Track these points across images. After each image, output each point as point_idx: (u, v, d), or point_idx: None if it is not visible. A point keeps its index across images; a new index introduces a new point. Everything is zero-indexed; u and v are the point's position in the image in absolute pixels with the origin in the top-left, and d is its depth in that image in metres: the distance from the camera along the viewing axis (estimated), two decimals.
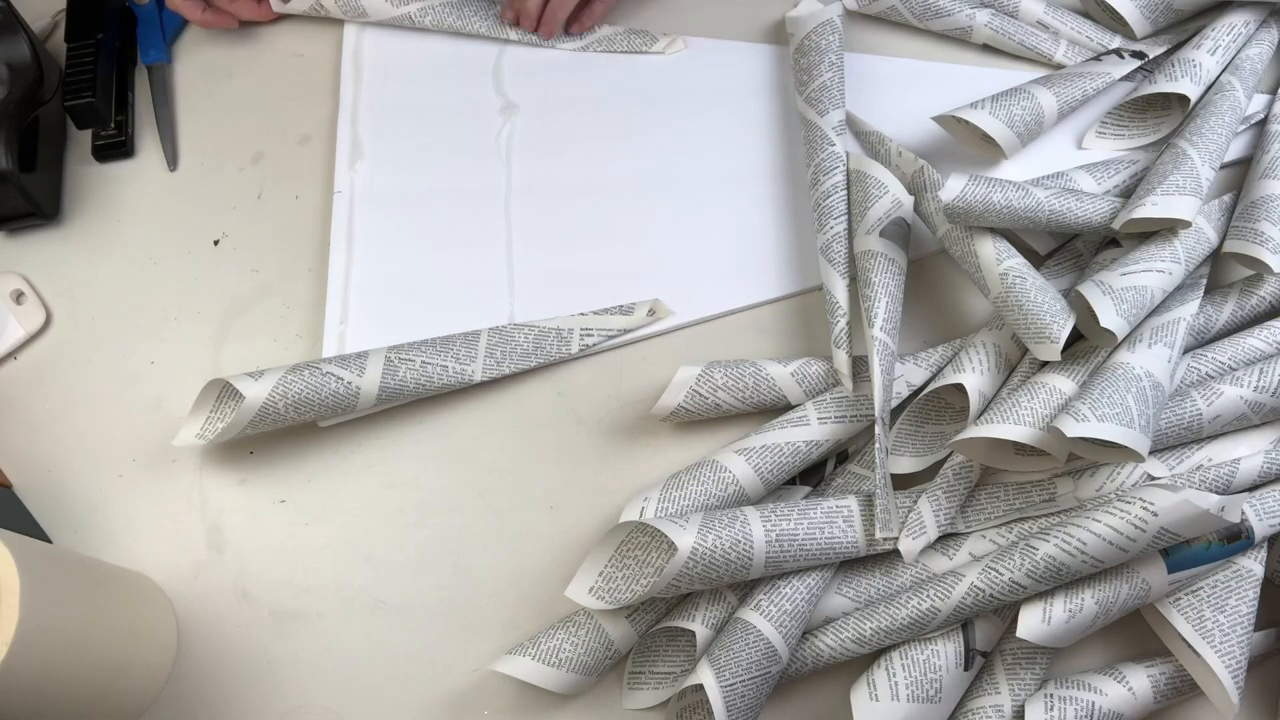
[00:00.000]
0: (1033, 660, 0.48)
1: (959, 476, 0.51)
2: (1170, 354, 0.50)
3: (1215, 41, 0.61)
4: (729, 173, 0.62)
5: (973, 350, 0.53)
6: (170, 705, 0.52)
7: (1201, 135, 0.57)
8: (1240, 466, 0.50)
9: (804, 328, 0.59)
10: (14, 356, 0.61)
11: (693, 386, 0.53)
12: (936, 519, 0.50)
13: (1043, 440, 0.48)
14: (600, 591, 0.50)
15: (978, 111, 0.58)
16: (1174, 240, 0.53)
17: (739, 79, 0.66)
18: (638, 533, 0.50)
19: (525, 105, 0.65)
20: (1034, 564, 0.46)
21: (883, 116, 0.63)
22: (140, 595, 0.53)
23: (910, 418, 0.53)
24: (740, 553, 0.47)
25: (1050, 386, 0.50)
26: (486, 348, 0.57)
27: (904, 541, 0.50)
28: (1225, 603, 0.46)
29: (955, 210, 0.52)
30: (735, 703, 0.46)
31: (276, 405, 0.53)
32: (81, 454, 0.58)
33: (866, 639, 0.48)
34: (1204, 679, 0.46)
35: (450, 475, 0.56)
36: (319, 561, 0.55)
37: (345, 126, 0.65)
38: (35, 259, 0.63)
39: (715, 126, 0.64)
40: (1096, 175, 0.59)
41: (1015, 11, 0.65)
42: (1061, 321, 0.49)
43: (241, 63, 0.68)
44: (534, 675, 0.49)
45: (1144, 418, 0.47)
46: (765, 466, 0.52)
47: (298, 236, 0.62)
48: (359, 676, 0.52)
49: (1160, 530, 0.44)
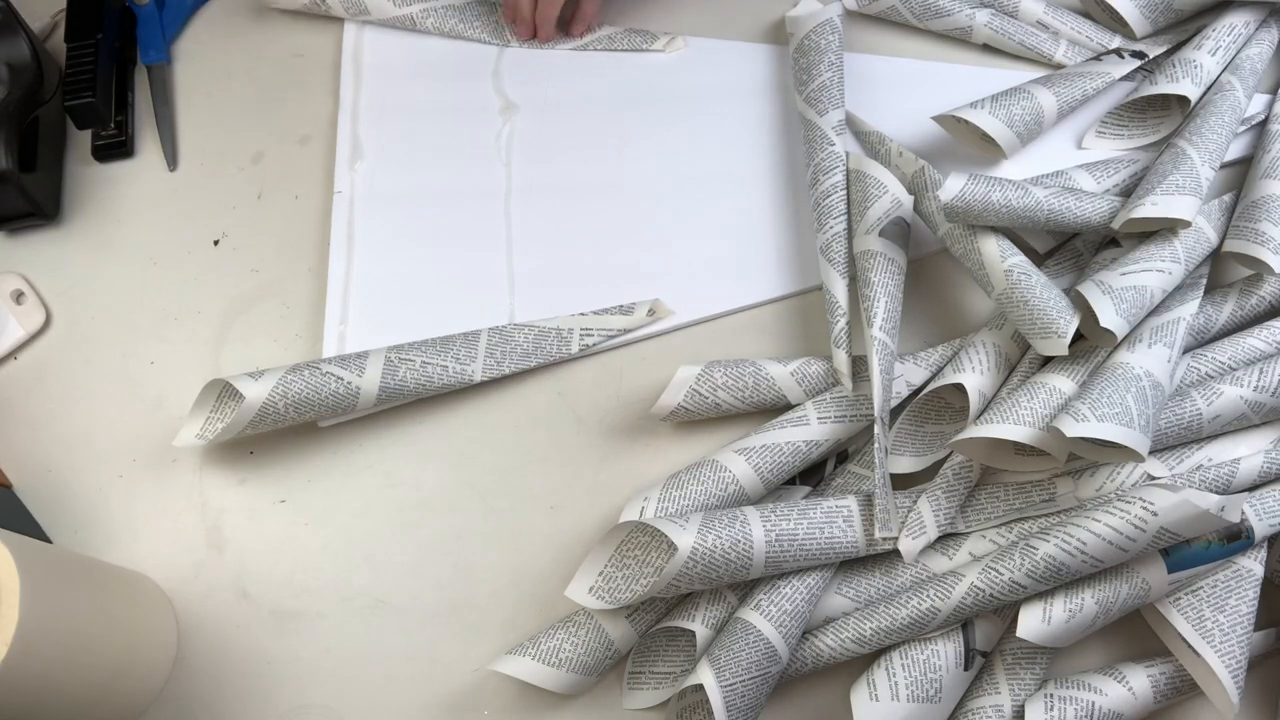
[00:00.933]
0: (1033, 660, 0.48)
1: (959, 476, 0.51)
2: (1170, 354, 0.50)
3: (1216, 42, 0.61)
4: (729, 172, 0.63)
5: (973, 350, 0.53)
6: (170, 705, 0.52)
7: (1201, 135, 0.57)
8: (1240, 466, 0.50)
9: (804, 327, 0.59)
10: (14, 356, 0.61)
11: (692, 386, 0.53)
12: (936, 519, 0.50)
13: (1042, 440, 0.48)
14: (600, 591, 0.50)
15: (977, 111, 0.58)
16: (1174, 240, 0.53)
17: (739, 78, 0.66)
18: (638, 532, 0.50)
19: (525, 105, 0.65)
20: (1034, 564, 0.46)
21: (882, 116, 0.63)
22: (140, 595, 0.53)
23: (910, 417, 0.53)
24: (740, 552, 0.47)
25: (1050, 386, 0.50)
26: (486, 348, 0.57)
27: (904, 541, 0.50)
28: (1225, 603, 0.46)
29: (954, 209, 0.52)
30: (735, 703, 0.46)
31: (276, 405, 0.53)
32: (81, 454, 0.58)
33: (866, 639, 0.48)
34: (1204, 679, 0.46)
35: (450, 475, 0.56)
36: (319, 561, 0.55)
37: (345, 126, 0.65)
38: (35, 259, 0.63)
39: (715, 126, 0.64)
40: (1096, 174, 0.59)
41: (1015, 11, 0.65)
42: (1068, 317, 0.49)
43: (241, 63, 0.68)
44: (534, 675, 0.49)
45: (1144, 417, 0.47)
46: (765, 466, 0.52)
47: (298, 236, 0.62)
48: (359, 676, 0.52)
49: (1160, 530, 0.44)
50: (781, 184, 0.62)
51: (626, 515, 0.51)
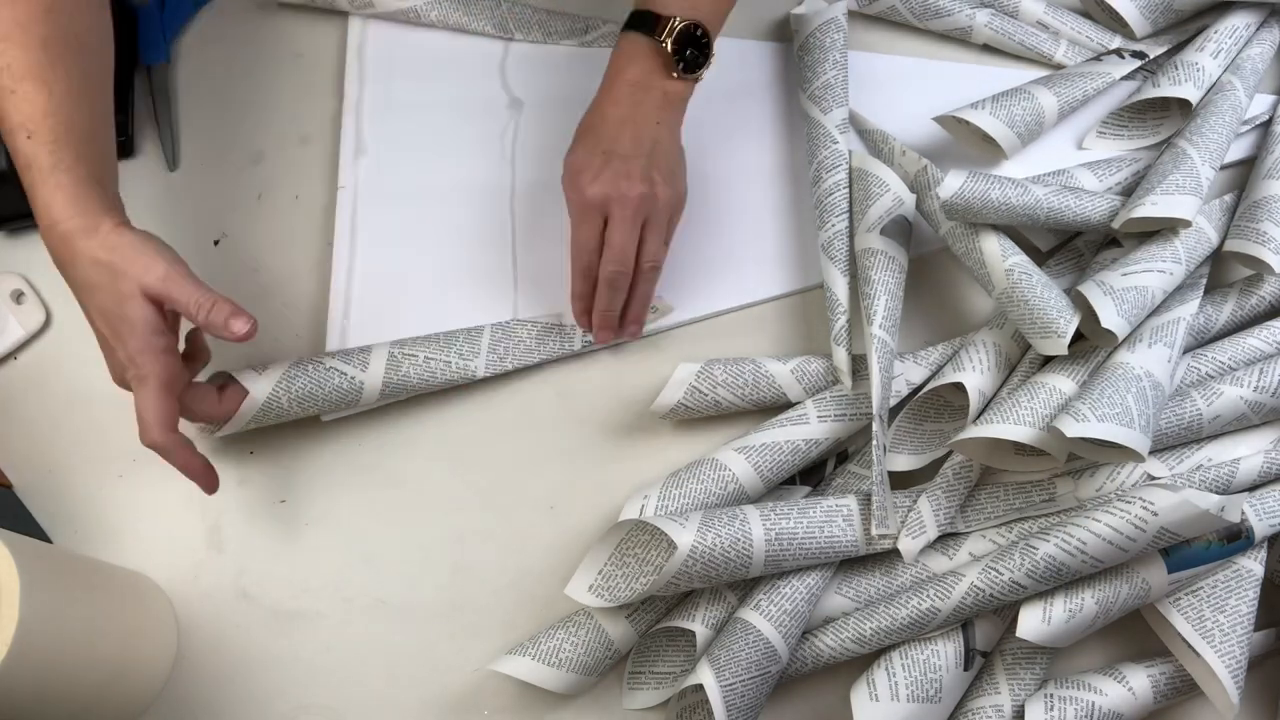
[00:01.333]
0: (1033, 660, 0.48)
1: (959, 476, 0.51)
2: (1170, 354, 0.50)
3: (1218, 45, 0.61)
4: (731, 169, 0.62)
5: (973, 349, 0.53)
6: (170, 705, 0.52)
7: (1202, 135, 0.57)
8: (1240, 466, 0.50)
9: (804, 326, 0.59)
10: (14, 356, 0.60)
11: (692, 383, 0.53)
12: (936, 518, 0.50)
13: (1042, 440, 0.48)
14: (600, 589, 0.50)
15: (978, 112, 0.58)
16: (1174, 240, 0.53)
17: (743, 76, 0.66)
18: (637, 531, 0.50)
19: (530, 101, 0.65)
20: (1034, 564, 0.46)
21: (883, 115, 0.63)
22: (140, 595, 0.53)
23: (910, 415, 0.53)
24: (740, 551, 0.47)
25: (1050, 386, 0.50)
26: (490, 343, 0.57)
27: (904, 541, 0.50)
28: (1225, 603, 0.46)
29: (954, 206, 0.52)
30: (735, 702, 0.46)
31: (280, 399, 0.53)
32: (81, 454, 0.58)
33: (866, 639, 0.48)
34: (1204, 679, 0.46)
35: (450, 475, 0.56)
36: (319, 561, 0.55)
37: (349, 122, 0.64)
38: (35, 259, 0.63)
39: (718, 123, 0.64)
40: (1098, 173, 0.59)
41: (1015, 12, 0.65)
42: (1068, 317, 0.49)
43: (241, 63, 0.68)
44: (534, 675, 0.49)
45: (1144, 417, 0.47)
46: (765, 465, 0.52)
47: (298, 236, 0.62)
48: (359, 676, 0.52)
49: (1160, 530, 0.44)
50: (783, 182, 0.62)
51: (626, 513, 0.51)
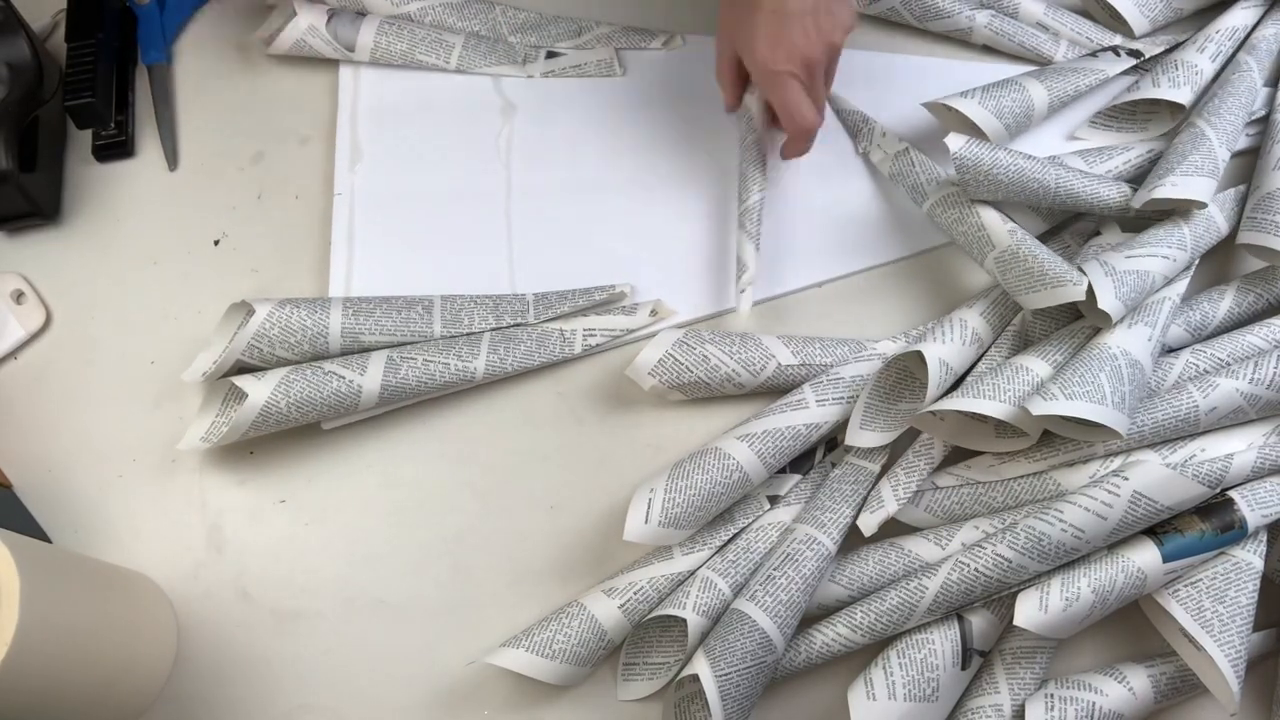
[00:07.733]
0: (1032, 659, 0.48)
1: (918, 454, 0.52)
2: (1152, 333, 0.51)
3: (1219, 47, 0.61)
4: (729, 170, 0.62)
5: (940, 325, 0.54)
6: (170, 705, 0.52)
7: (1220, 116, 0.57)
8: (1233, 462, 0.50)
9: (805, 324, 0.59)
10: (14, 356, 0.61)
11: (681, 338, 0.54)
12: (895, 494, 0.51)
13: (1011, 415, 0.48)
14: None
15: (967, 101, 0.58)
16: (1183, 226, 0.53)
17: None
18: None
19: (524, 105, 0.65)
20: (1014, 535, 0.46)
21: (884, 115, 0.63)
22: (140, 595, 0.53)
23: (880, 394, 0.54)
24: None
25: (1024, 367, 0.50)
26: (489, 346, 0.57)
27: (864, 518, 0.51)
28: (1224, 594, 0.46)
29: (963, 162, 0.52)
30: (730, 692, 0.46)
31: (279, 404, 0.52)
32: (81, 454, 0.58)
33: (859, 623, 0.49)
34: (1204, 670, 0.46)
35: (450, 475, 0.56)
36: (319, 561, 0.55)
37: (344, 128, 0.64)
38: (35, 259, 0.63)
39: (714, 124, 0.64)
40: (1089, 160, 0.59)
41: (1015, 12, 0.65)
42: (1078, 275, 0.50)
43: (241, 63, 0.68)
44: (527, 667, 0.49)
45: (1118, 394, 0.47)
46: (767, 451, 0.52)
47: (298, 236, 0.62)
48: (359, 676, 0.52)
49: (1135, 495, 0.44)
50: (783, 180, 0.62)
51: (633, 507, 0.51)
